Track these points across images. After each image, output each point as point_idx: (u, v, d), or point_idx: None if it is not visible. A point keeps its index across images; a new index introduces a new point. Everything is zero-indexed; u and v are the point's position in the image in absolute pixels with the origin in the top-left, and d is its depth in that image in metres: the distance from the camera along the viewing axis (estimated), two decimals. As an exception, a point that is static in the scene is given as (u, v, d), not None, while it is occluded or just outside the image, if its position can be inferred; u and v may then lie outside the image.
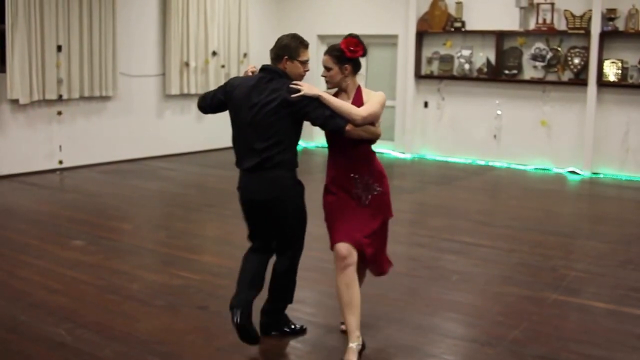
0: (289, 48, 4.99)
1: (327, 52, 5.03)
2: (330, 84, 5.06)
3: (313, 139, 14.65)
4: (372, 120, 4.88)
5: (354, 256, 4.84)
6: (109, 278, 6.65)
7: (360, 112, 4.79)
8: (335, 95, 5.02)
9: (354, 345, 4.77)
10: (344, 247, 4.83)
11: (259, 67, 5.19)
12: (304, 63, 5.05)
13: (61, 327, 5.45)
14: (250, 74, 5.24)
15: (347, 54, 4.94)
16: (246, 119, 4.93)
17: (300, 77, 5.04)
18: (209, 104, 5.37)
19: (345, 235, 4.87)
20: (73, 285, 6.45)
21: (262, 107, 4.86)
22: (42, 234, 8.17)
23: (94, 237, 8.03)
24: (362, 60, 5.10)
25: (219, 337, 5.33)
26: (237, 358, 5.02)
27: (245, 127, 4.96)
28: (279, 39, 5.06)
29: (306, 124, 4.94)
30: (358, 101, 4.97)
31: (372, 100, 4.94)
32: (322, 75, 5.08)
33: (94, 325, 5.51)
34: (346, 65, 4.97)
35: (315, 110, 4.80)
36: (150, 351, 5.05)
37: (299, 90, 4.80)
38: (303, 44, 5.05)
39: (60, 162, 11.94)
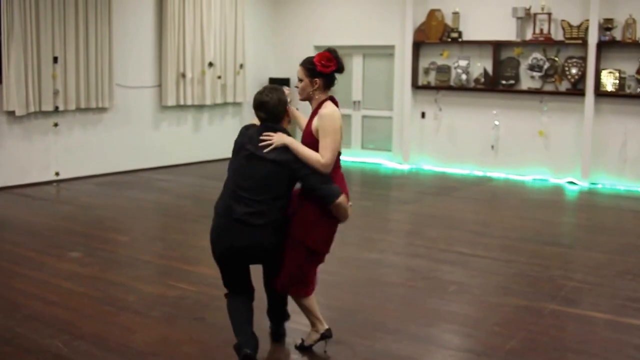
0: (284, 101, 5.04)
1: (301, 64, 5.05)
2: (299, 95, 5.09)
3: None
4: (334, 160, 4.91)
5: None
6: (106, 289, 6.62)
7: (321, 162, 4.84)
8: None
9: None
10: None
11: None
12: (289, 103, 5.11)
13: (58, 338, 5.42)
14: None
15: (318, 68, 4.94)
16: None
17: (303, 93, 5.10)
18: None
19: None
20: (69, 297, 6.43)
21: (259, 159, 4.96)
22: (38, 246, 8.14)
23: (90, 249, 8.01)
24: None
25: (215, 348, 5.30)
26: (233, 370, 5.00)
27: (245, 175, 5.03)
28: (267, 102, 4.95)
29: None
30: (312, 117, 5.02)
31: (325, 140, 4.88)
32: (295, 86, 5.12)
33: (90, 336, 5.48)
34: (316, 79, 4.98)
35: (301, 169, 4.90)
36: (145, 363, 5.04)
37: (269, 144, 4.86)
38: (281, 88, 5.07)
39: (57, 174, 11.93)
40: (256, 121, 5.10)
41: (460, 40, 13.63)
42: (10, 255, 7.74)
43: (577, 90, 12.55)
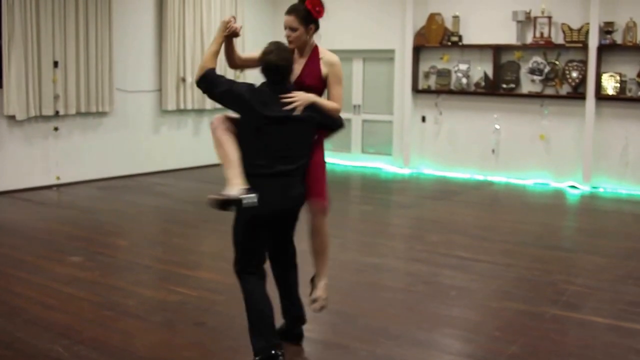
0: (291, 59, 5.08)
1: (292, 12, 5.03)
2: (292, 44, 5.07)
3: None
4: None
5: None
6: (106, 294, 6.61)
7: (339, 109, 5.09)
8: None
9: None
10: None
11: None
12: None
13: (58, 343, 5.39)
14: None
15: (313, 14, 5.00)
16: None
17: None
18: (215, 96, 5.32)
19: None
20: (69, 302, 6.41)
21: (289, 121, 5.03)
22: (38, 250, 8.13)
23: (90, 253, 7.99)
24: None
25: (216, 353, 5.29)
26: (233, 375, 4.99)
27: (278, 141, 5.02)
28: (279, 60, 4.98)
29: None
30: (313, 61, 5.09)
31: (337, 81, 5.11)
32: (286, 36, 5.09)
33: (90, 341, 5.46)
34: (311, 25, 5.05)
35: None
36: (146, 368, 5.03)
37: (292, 103, 4.87)
38: (290, 55, 5.07)
39: (57, 178, 11.92)
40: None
41: (460, 44, 13.63)
42: (10, 260, 7.73)
43: (577, 94, 12.54)
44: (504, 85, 13.27)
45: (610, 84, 12.25)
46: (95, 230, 9.15)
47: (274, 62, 4.93)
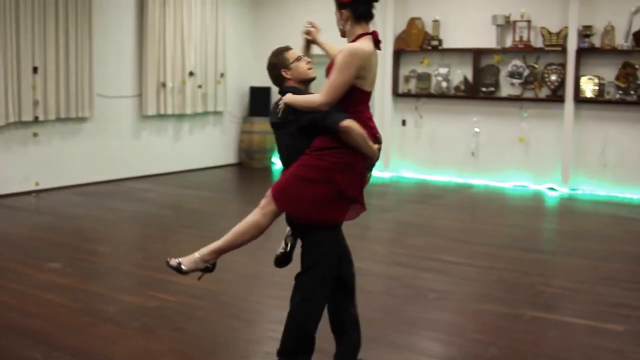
0: (277, 65, 4.91)
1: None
2: (341, 32, 4.78)
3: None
4: (336, 97, 4.42)
5: None
6: (86, 300, 6.59)
7: (318, 99, 4.45)
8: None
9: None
10: None
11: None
12: (299, 59, 4.86)
13: (37, 350, 5.37)
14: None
15: None
16: None
17: (308, 74, 4.85)
18: None
19: None
20: (49, 308, 6.39)
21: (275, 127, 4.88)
22: (17, 257, 8.09)
23: (70, 260, 7.96)
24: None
25: (195, 358, 5.28)
26: (213, 380, 4.99)
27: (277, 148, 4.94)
28: (267, 69, 5.01)
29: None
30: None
31: (331, 75, 4.47)
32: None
33: (70, 348, 5.45)
34: (342, 11, 4.66)
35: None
36: (125, 374, 5.02)
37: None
38: (284, 51, 4.95)
39: (37, 184, 11.86)
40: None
41: (440, 48, 13.68)
42: (-11, 267, 7.70)
43: (556, 97, 12.62)
44: (484, 89, 13.34)
45: (588, 87, 12.33)
46: (75, 236, 9.12)
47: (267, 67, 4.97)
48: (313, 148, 4.52)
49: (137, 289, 7.12)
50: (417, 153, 14.24)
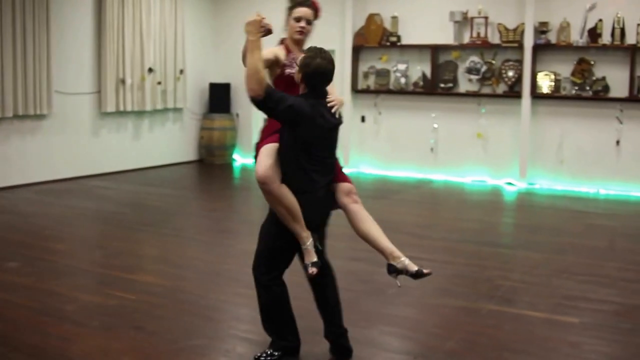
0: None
1: (308, 5, 5.03)
2: (303, 36, 5.07)
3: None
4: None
5: None
6: (44, 300, 6.54)
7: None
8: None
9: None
10: None
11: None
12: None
13: (-7, 351, 5.35)
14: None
15: (317, 14, 5.13)
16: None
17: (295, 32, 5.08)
18: (277, 113, 4.77)
19: None
20: (6, 308, 6.33)
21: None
22: (-26, 256, 8.03)
23: (28, 259, 7.90)
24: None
25: (155, 357, 5.27)
26: (173, 377, 5.00)
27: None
28: (331, 69, 4.90)
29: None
30: None
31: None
32: (300, 27, 5.02)
33: (28, 348, 5.42)
34: (313, 23, 5.12)
35: None
36: (84, 373, 5.00)
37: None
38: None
39: (-5, 183, 11.78)
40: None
41: (399, 44, 13.75)
42: (-54, 267, 7.63)
43: (514, 93, 12.74)
44: (442, 85, 13.43)
45: (545, 83, 12.47)
46: (33, 235, 9.05)
47: (325, 66, 4.78)
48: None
49: (95, 288, 7.09)
50: (376, 149, 14.29)
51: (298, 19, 5.03)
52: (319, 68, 4.73)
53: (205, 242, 8.97)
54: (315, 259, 4.81)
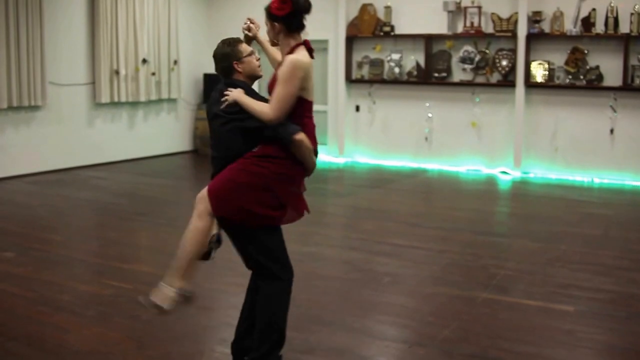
0: (230, 55, 4.69)
1: (265, 9, 4.73)
2: (270, 42, 4.87)
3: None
4: (285, 111, 4.49)
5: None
6: (40, 290, 6.56)
7: (267, 113, 4.43)
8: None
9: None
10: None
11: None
12: (252, 54, 4.75)
13: (-10, 341, 5.36)
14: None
15: (272, 11, 4.63)
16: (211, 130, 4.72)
17: (258, 71, 4.77)
18: None
19: None
20: (2, 298, 6.35)
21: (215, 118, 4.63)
22: (-30, 247, 8.04)
23: (24, 249, 7.91)
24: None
25: (151, 346, 5.29)
26: (169, 366, 5.01)
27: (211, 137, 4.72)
28: (214, 56, 4.75)
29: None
30: (278, 66, 4.72)
31: (277, 89, 4.50)
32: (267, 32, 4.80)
33: (24, 338, 5.44)
34: (275, 23, 4.65)
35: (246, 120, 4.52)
36: (81, 362, 5.02)
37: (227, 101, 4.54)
38: (238, 42, 4.77)
39: (-11, 174, 11.78)
40: None
41: (392, 34, 13.74)
42: (-59, 258, 7.63)
43: (507, 82, 12.75)
44: (436, 74, 13.43)
45: (539, 72, 12.48)
46: (29, 225, 9.06)
47: (215, 50, 4.76)
48: (257, 154, 4.52)
49: (91, 277, 7.11)
50: (371, 138, 14.30)
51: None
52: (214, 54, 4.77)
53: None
54: (159, 302, 4.53)
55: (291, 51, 4.63)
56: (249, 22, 5.11)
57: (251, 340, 4.72)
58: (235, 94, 4.54)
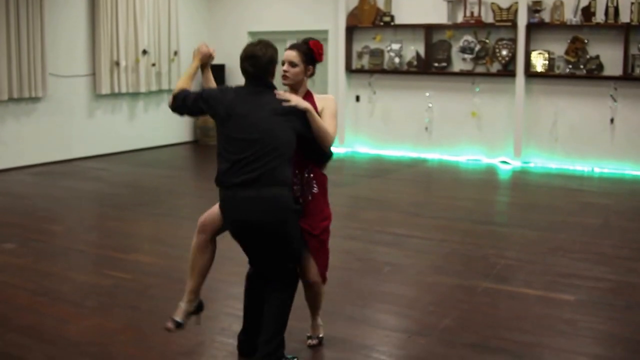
0: (275, 60, 4.68)
1: (295, 48, 4.82)
2: (288, 80, 4.82)
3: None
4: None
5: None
6: (39, 280, 6.57)
7: (332, 133, 4.69)
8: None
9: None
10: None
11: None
12: (282, 63, 4.83)
13: (-10, 331, 5.36)
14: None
15: (315, 56, 4.81)
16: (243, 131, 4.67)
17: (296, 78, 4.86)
18: (189, 108, 5.18)
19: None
20: (2, 289, 6.35)
21: (258, 118, 4.58)
22: (-30, 238, 8.03)
23: (24, 240, 7.92)
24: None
25: (151, 336, 5.30)
26: (168, 356, 5.00)
27: (240, 139, 4.68)
28: (254, 56, 4.62)
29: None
30: (308, 100, 4.78)
31: (332, 114, 4.81)
32: (283, 71, 4.81)
33: (24, 328, 5.44)
34: (310, 66, 4.81)
35: (308, 127, 4.58)
36: (81, 352, 5.01)
37: (287, 100, 4.56)
38: (273, 53, 4.71)
39: (-10, 165, 11.77)
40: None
41: (392, 24, 13.71)
42: (-59, 249, 7.63)
43: (507, 72, 12.73)
44: (436, 64, 13.41)
45: (539, 62, 12.45)
46: (29, 217, 9.06)
47: (251, 50, 4.64)
48: (316, 185, 5.07)
49: (91, 268, 7.12)
50: (371, 128, 14.29)
51: (282, 63, 4.86)
52: (245, 51, 4.71)
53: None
54: (178, 318, 4.71)
55: (309, 94, 4.91)
56: (212, 49, 5.22)
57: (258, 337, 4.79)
58: (308, 105, 4.60)
